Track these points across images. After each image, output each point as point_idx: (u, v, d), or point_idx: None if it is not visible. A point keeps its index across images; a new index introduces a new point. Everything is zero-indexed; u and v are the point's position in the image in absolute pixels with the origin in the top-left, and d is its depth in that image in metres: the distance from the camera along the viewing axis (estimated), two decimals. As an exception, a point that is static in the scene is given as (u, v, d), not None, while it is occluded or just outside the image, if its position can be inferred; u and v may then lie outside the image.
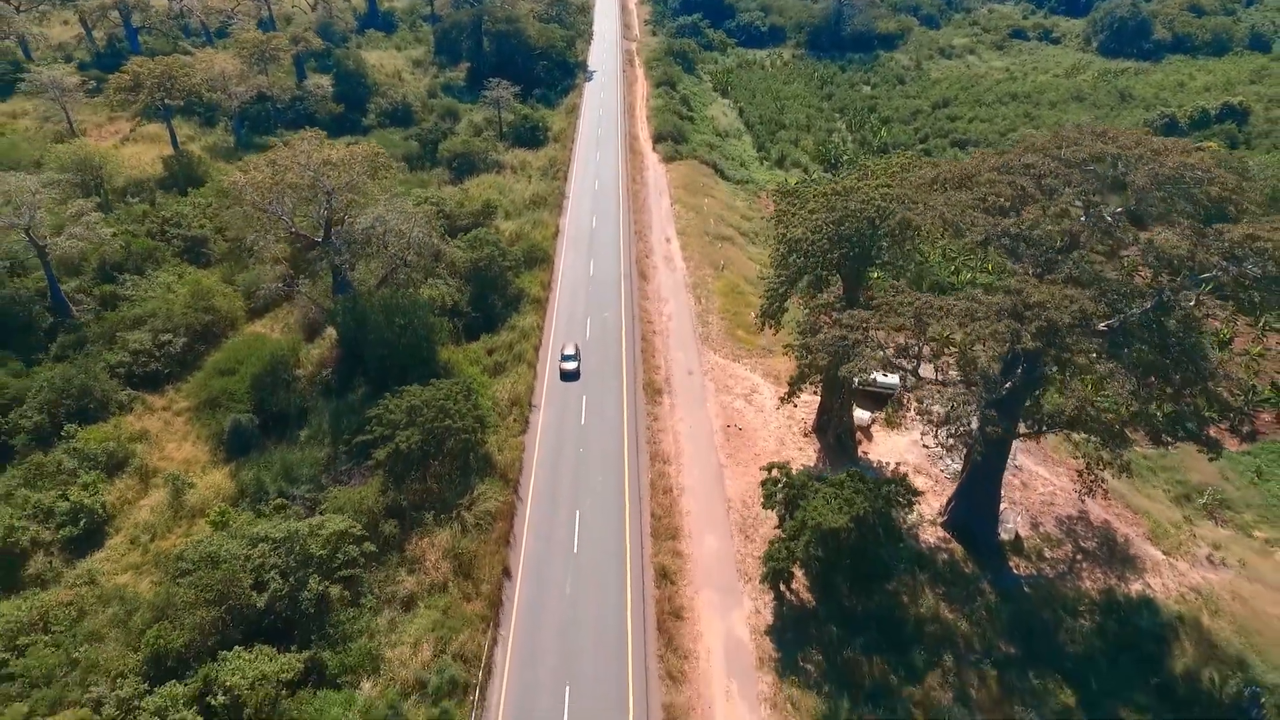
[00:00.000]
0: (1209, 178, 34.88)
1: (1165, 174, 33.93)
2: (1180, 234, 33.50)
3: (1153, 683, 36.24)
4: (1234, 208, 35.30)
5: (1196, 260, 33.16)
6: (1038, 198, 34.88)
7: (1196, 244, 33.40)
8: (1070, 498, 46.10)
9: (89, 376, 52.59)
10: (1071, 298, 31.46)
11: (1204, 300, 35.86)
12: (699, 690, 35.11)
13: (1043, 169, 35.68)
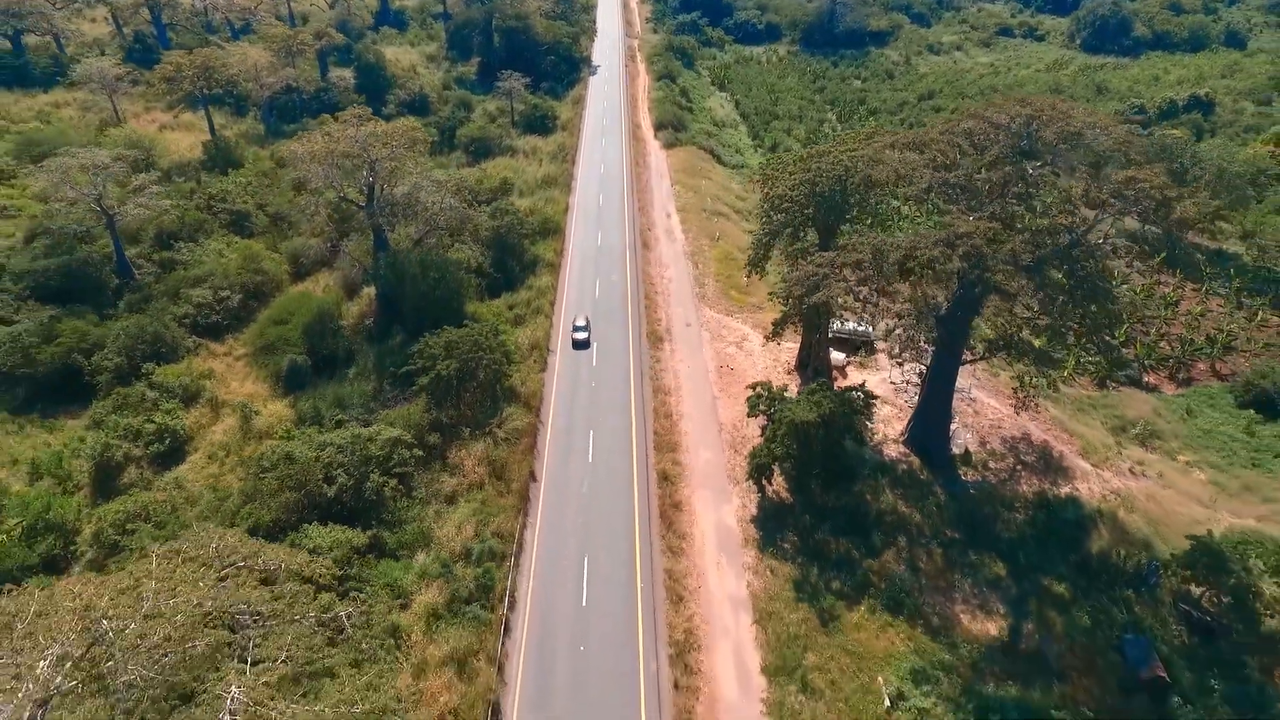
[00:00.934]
0: (1105, 133, 42.55)
1: (1070, 130, 41.55)
2: (1079, 178, 41.01)
3: (1071, 559, 43.93)
4: (1124, 157, 42.83)
5: (1090, 197, 40.79)
6: (971, 154, 42.51)
7: (1090, 185, 40.98)
8: (1015, 422, 53.92)
9: (160, 325, 60.38)
10: (991, 228, 39.13)
11: (1110, 237, 43.56)
12: (694, 561, 42.81)
13: (976, 131, 43.37)
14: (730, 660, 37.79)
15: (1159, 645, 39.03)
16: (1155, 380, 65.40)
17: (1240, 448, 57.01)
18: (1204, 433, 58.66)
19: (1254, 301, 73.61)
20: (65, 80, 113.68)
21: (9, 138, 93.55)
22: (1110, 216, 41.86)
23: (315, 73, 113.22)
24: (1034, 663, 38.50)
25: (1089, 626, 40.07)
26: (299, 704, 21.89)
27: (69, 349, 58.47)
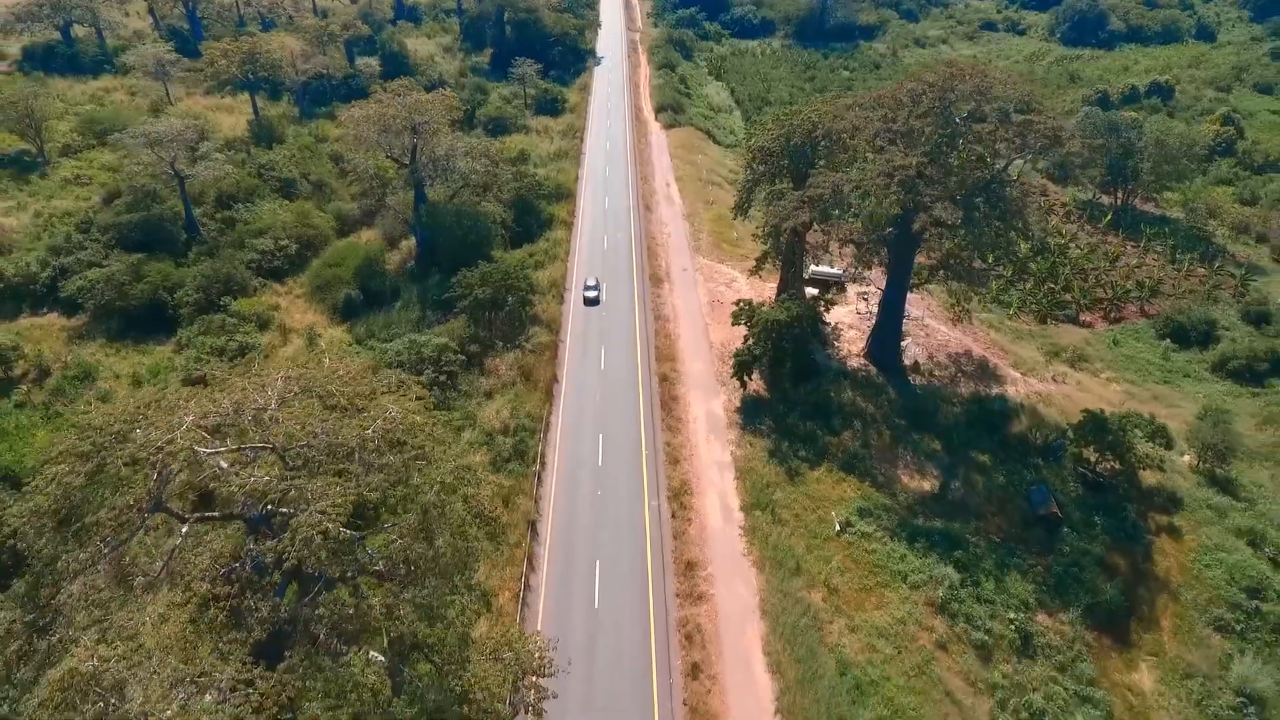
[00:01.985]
0: (1012, 88, 52.98)
1: (984, 85, 51.95)
2: (991, 122, 51.35)
3: (995, 439, 54.44)
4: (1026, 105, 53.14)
5: (998, 138, 51.25)
6: (909, 107, 52.90)
7: (999, 126, 51.38)
8: (960, 341, 64.54)
9: (231, 267, 70.97)
10: (921, 163, 49.59)
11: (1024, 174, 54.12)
12: (688, 437, 53.37)
13: (915, 90, 53.76)
14: (716, 501, 48.34)
15: (1057, 494, 49.56)
16: (1090, 319, 76.04)
17: (1155, 369, 67.65)
18: (1126, 358, 69.27)
19: (1185, 257, 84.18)
20: (111, 68, 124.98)
21: (70, 118, 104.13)
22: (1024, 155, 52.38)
23: (343, 60, 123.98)
24: (957, 507, 49.01)
25: (1004, 483, 50.59)
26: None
27: (155, 286, 69.03)
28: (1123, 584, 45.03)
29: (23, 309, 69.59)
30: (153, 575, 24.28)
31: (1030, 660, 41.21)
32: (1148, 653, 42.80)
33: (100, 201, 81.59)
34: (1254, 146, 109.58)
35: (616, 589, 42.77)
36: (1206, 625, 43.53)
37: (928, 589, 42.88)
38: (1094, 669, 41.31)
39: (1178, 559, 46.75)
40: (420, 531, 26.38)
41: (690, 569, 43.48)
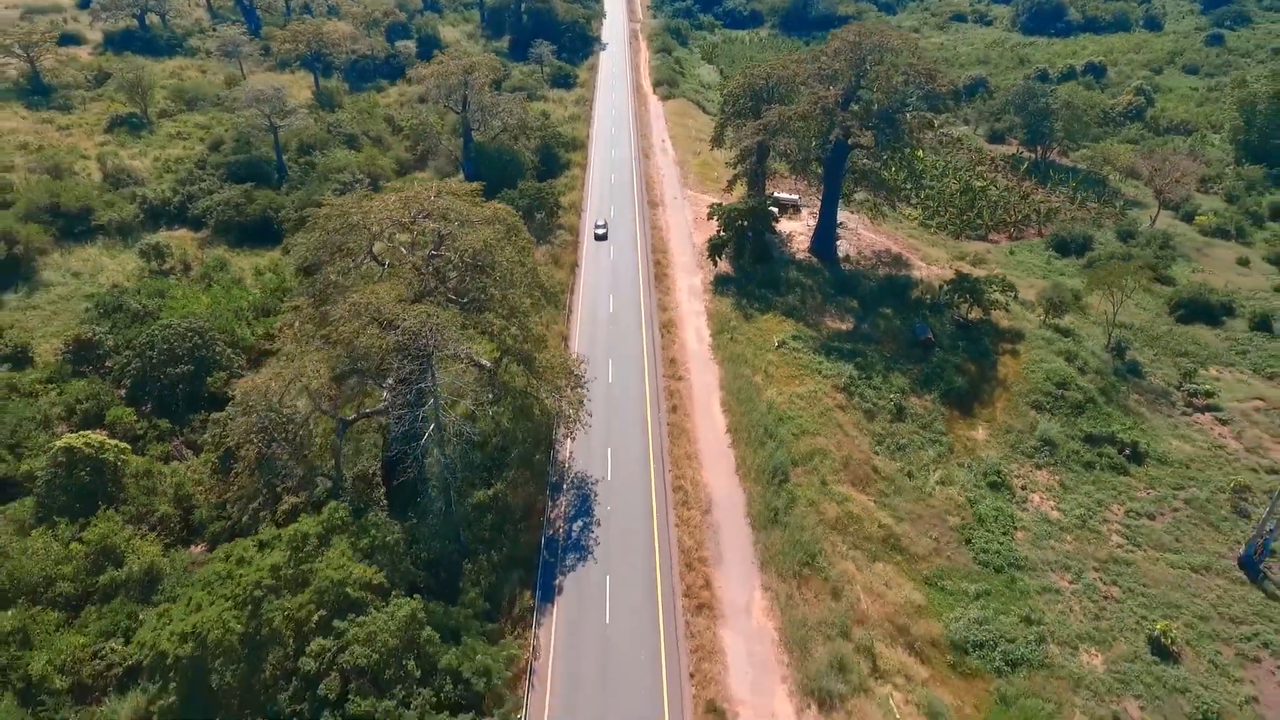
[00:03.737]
0: (904, 41, 74.36)
1: (884, 41, 73.19)
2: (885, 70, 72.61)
3: (899, 300, 75.91)
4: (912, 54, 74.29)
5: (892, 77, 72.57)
6: (833, 57, 74.26)
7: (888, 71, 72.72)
8: (882, 242, 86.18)
9: (319, 193, 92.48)
10: (838, 95, 71.17)
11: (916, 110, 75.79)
12: (674, 298, 75.01)
13: (838, 46, 75.09)
14: (692, 332, 69.97)
15: (935, 330, 71.05)
16: (997, 238, 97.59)
17: (1037, 269, 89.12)
18: (1017, 262, 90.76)
19: (1081, 195, 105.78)
20: (182, 50, 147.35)
21: (159, 91, 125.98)
22: (911, 91, 73.97)
23: (384, 43, 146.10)
24: (863, 337, 70.50)
25: (899, 325, 72.10)
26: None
27: (263, 207, 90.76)
28: (971, 380, 66.57)
29: (160, 225, 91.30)
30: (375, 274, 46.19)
31: (902, 422, 62.63)
32: (983, 420, 64.29)
33: (207, 148, 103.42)
34: (1161, 113, 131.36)
35: (624, 375, 64.36)
36: (1026, 404, 64.92)
37: (834, 378, 64.31)
38: (944, 427, 62.75)
39: (1014, 368, 68.25)
40: (513, 274, 48.12)
41: (673, 364, 65.13)
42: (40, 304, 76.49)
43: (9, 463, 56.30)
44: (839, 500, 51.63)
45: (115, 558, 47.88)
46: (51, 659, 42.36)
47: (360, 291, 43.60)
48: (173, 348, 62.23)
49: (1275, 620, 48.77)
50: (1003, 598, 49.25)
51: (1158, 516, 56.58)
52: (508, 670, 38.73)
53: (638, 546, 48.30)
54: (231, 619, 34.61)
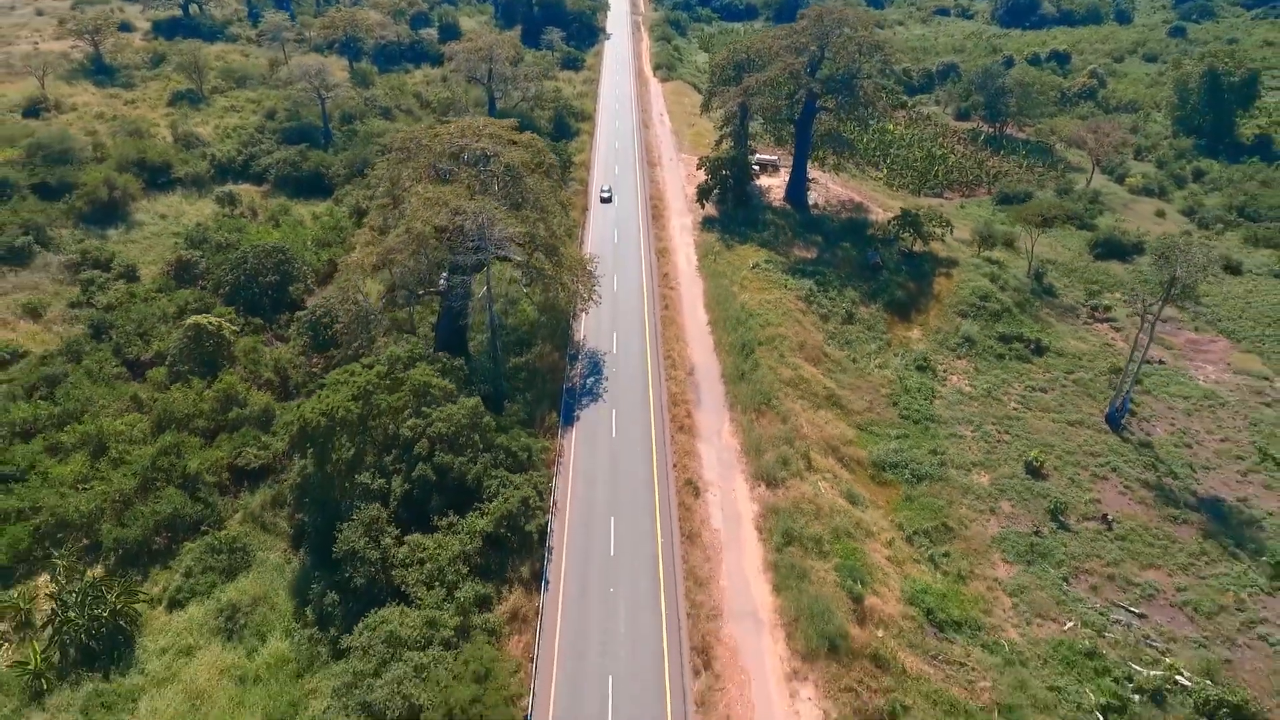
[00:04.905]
0: (858, 18, 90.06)
1: (844, 17, 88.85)
2: (842, 42, 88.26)
3: (856, 236, 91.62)
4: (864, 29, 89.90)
5: (851, 56, 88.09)
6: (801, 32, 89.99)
7: (848, 48, 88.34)
8: (847, 193, 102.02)
9: (363, 153, 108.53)
10: (804, 63, 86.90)
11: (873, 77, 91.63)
12: (668, 233, 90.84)
13: (806, 23, 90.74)
14: (683, 258, 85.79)
15: (884, 257, 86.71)
16: (951, 195, 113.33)
17: (982, 220, 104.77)
18: (966, 214, 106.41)
19: (1030, 161, 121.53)
20: (223, 36, 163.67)
21: (211, 71, 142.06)
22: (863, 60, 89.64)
23: (409, 30, 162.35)
24: (824, 263, 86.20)
25: (855, 254, 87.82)
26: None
27: (316, 165, 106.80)
28: (911, 294, 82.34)
29: (227, 180, 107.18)
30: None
31: (851, 324, 78.33)
32: (918, 324, 80.00)
33: (263, 116, 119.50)
34: (1111, 93, 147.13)
35: (627, 285, 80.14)
36: (954, 313, 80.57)
37: (797, 290, 79.99)
38: (885, 329, 78.46)
39: (947, 286, 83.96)
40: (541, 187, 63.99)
41: (666, 278, 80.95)
42: (137, 239, 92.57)
43: (139, 346, 72.26)
44: (793, 368, 67.28)
45: (238, 402, 63.73)
46: (201, 464, 58.21)
47: (431, 191, 59.48)
48: (261, 263, 78.08)
49: (1124, 455, 64.35)
50: (917, 439, 64.87)
51: (1049, 390, 72.21)
52: (542, 455, 54.47)
53: (636, 393, 64.04)
54: (351, 404, 50.27)
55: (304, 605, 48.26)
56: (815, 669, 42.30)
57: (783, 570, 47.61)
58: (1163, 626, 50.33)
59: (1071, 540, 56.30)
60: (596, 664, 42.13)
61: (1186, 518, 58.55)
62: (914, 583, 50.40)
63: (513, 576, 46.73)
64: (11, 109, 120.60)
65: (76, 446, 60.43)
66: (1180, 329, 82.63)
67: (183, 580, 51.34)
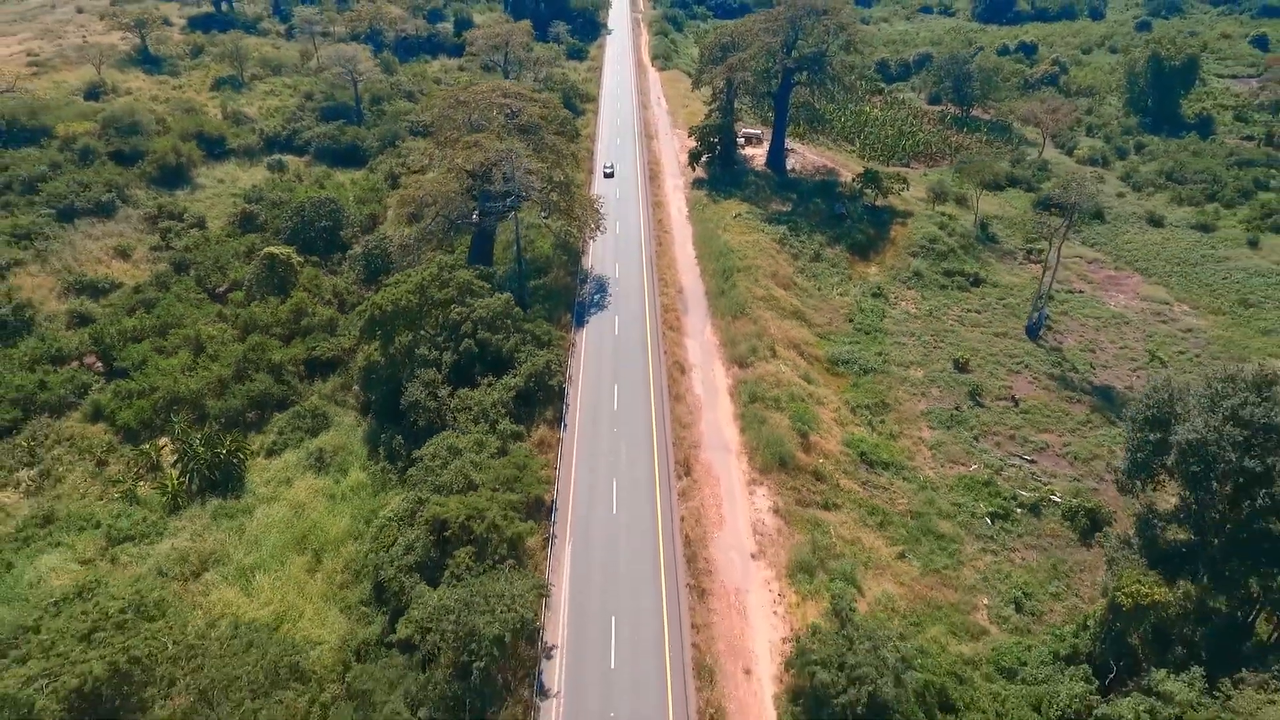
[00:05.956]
0: (828, 4, 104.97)
1: (815, 4, 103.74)
2: (813, 24, 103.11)
3: (828, 195, 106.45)
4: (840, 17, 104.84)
5: (821, 36, 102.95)
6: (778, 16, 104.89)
7: (819, 30, 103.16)
8: (821, 160, 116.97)
9: (393, 129, 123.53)
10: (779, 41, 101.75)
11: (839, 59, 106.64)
12: (664, 192, 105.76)
13: (782, 9, 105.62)
14: (675, 209, 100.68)
15: (849, 208, 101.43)
16: (917, 166, 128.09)
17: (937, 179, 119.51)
18: (928, 180, 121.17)
19: (990, 137, 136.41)
20: (254, 30, 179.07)
21: (250, 61, 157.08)
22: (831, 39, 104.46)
23: (426, 24, 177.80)
24: (797, 214, 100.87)
25: (824, 207, 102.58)
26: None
27: (351, 138, 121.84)
28: (870, 239, 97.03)
29: (274, 151, 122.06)
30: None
31: (818, 262, 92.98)
32: (876, 263, 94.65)
33: (303, 97, 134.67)
34: (1071, 79, 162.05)
35: (626, 228, 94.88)
36: (907, 254, 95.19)
37: (773, 234, 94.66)
38: (848, 266, 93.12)
39: (902, 233, 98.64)
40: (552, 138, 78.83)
41: (660, 224, 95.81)
42: (200, 199, 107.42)
43: (217, 277, 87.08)
44: (765, 289, 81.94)
45: (307, 314, 78.40)
46: (282, 357, 72.85)
47: (470, 136, 74.25)
48: (316, 211, 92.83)
49: (1037, 356, 78.85)
50: (867, 344, 79.43)
51: (982, 312, 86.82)
52: (560, 340, 69.18)
53: (634, 305, 78.76)
54: (411, 295, 64.87)
55: (375, 449, 62.72)
56: (769, 478, 56.80)
57: (748, 418, 62.19)
58: (1048, 469, 64.78)
59: (985, 414, 70.81)
60: (604, 472, 56.69)
61: (1080, 399, 73.10)
62: (853, 435, 64.97)
63: (539, 419, 61.26)
64: (74, 92, 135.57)
65: (178, 347, 75.16)
66: (1101, 268, 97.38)
67: (277, 437, 65.96)
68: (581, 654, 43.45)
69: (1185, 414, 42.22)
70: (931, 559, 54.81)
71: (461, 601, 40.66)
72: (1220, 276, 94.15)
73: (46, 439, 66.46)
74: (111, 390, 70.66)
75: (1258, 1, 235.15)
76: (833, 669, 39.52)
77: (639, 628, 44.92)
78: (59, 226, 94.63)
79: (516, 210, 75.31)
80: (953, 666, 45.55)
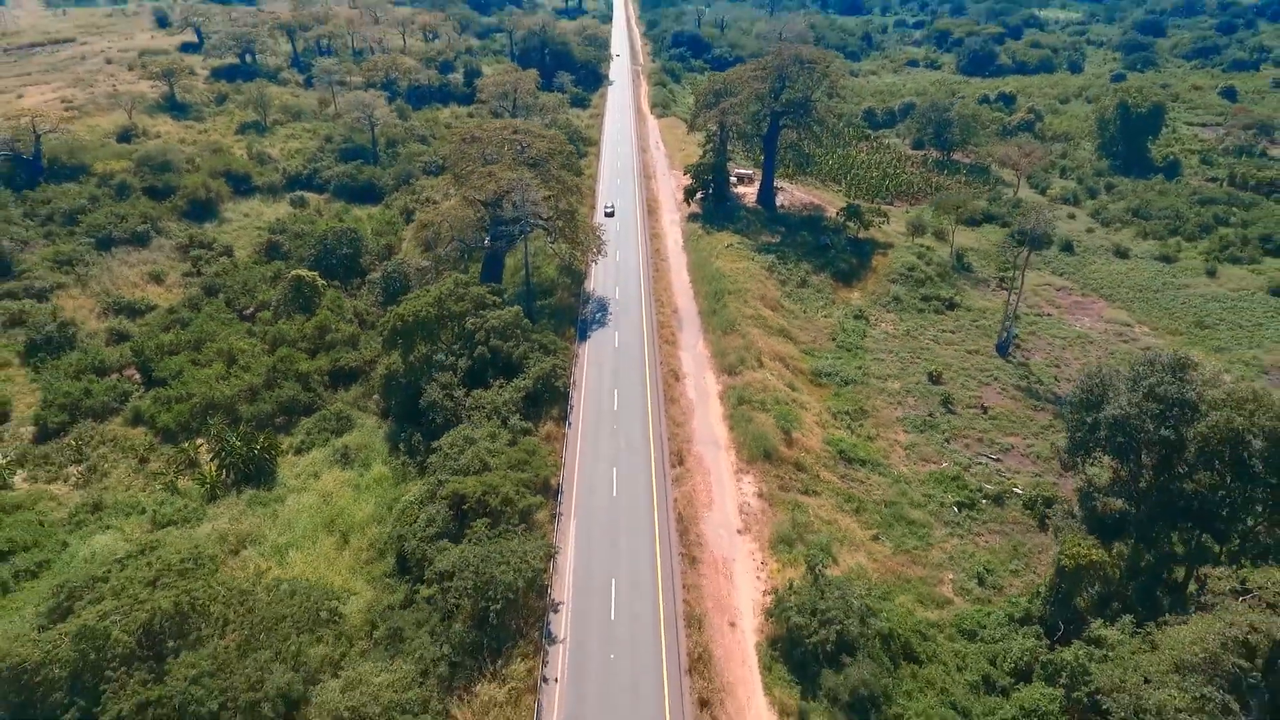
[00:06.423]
0: (810, 53, 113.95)
1: (798, 53, 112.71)
2: (798, 70, 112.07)
3: (813, 228, 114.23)
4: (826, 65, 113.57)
5: (806, 83, 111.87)
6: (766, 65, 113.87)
7: (804, 77, 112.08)
8: (808, 198, 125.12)
9: (408, 168, 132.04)
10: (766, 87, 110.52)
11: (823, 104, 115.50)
12: (661, 224, 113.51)
13: (772, 57, 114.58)
14: (671, 240, 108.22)
15: (834, 241, 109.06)
16: (900, 204, 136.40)
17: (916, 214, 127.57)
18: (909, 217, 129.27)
19: (969, 179, 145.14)
20: (275, 80, 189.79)
21: (273, 107, 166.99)
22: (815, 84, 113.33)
23: (437, 74, 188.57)
24: (786, 245, 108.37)
25: (811, 240, 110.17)
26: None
27: (368, 177, 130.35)
28: (853, 267, 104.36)
29: (295, 189, 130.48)
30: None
31: (804, 288, 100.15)
32: (858, 289, 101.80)
33: (323, 139, 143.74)
34: (1047, 126, 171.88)
35: (625, 256, 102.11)
36: (887, 280, 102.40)
37: (762, 262, 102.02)
38: (831, 291, 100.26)
39: (883, 261, 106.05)
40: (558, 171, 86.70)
41: (658, 253, 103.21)
42: (228, 230, 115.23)
43: (245, 299, 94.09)
44: (754, 309, 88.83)
45: (331, 330, 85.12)
46: (308, 367, 79.36)
47: (484, 168, 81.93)
48: (337, 239, 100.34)
49: (1006, 371, 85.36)
50: (848, 359, 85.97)
51: (956, 332, 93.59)
52: (564, 350, 75.74)
53: (633, 322, 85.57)
54: (430, 307, 71.65)
55: (396, 445, 68.74)
56: (754, 468, 62.83)
57: (736, 418, 68.44)
58: (1013, 466, 70.74)
59: (956, 419, 77.01)
60: (605, 462, 62.74)
61: (1044, 407, 79.33)
62: (833, 435, 71.10)
63: (546, 417, 67.51)
64: (107, 135, 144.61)
65: (212, 359, 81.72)
66: (1070, 294, 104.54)
67: (304, 437, 72.09)
68: (585, 608, 48.98)
69: (1115, 395, 48.54)
70: (903, 541, 60.47)
71: (480, 556, 46.45)
72: (1179, 302, 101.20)
73: (92, 440, 72.63)
74: (151, 397, 77.12)
75: (1228, 56, 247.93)
76: (806, 614, 45.18)
77: (636, 587, 50.52)
78: (98, 254, 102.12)
79: (526, 236, 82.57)
80: (918, 627, 51.05)
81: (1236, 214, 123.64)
